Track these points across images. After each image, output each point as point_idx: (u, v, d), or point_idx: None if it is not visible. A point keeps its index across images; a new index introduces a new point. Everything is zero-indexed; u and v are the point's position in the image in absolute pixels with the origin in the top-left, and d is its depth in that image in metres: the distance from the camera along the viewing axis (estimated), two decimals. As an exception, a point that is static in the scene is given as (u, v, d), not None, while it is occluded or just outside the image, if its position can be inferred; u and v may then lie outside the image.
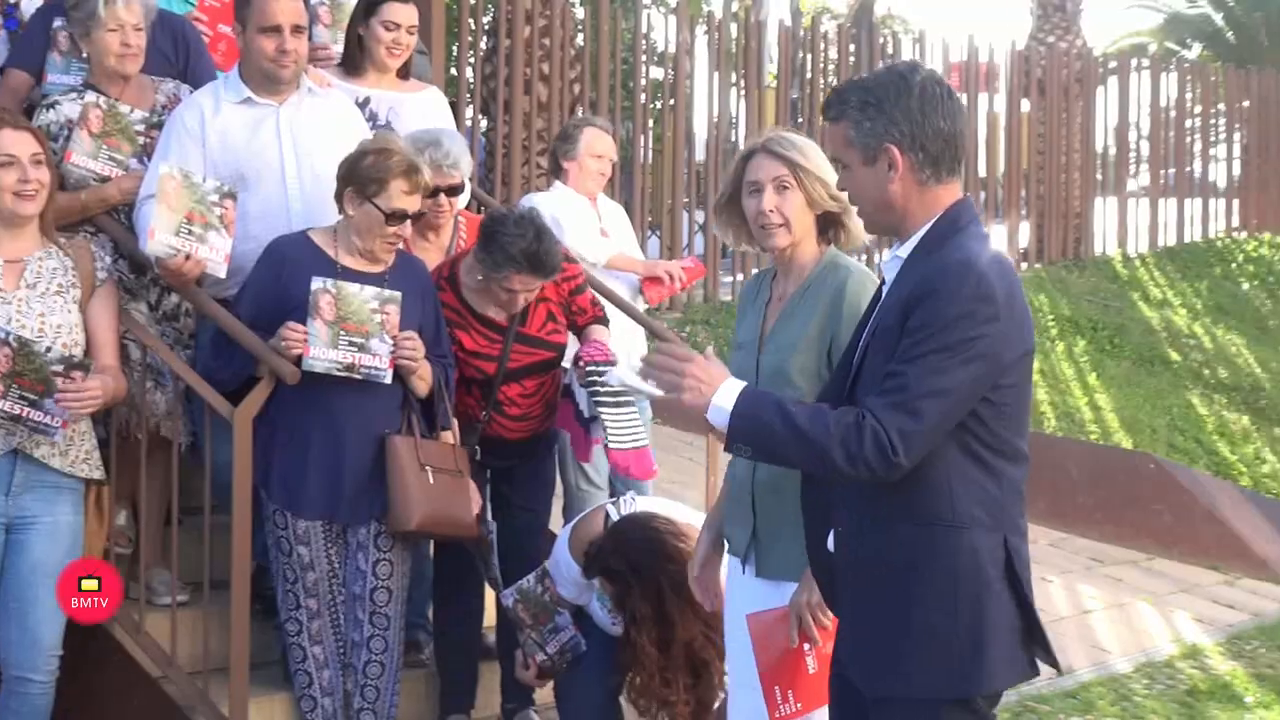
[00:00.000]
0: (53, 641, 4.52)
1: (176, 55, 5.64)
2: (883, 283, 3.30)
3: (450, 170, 5.35)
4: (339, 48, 6.00)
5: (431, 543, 5.34)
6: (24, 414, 4.31)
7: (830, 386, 3.39)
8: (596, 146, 6.40)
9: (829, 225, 4.02)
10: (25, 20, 5.76)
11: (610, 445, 5.20)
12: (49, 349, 4.35)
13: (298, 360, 4.64)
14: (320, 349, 4.64)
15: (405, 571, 4.95)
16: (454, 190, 5.42)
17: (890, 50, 14.73)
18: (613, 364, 5.05)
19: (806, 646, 3.79)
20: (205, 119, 5.07)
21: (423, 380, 4.87)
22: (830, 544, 3.33)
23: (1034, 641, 3.18)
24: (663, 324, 6.56)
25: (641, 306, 6.40)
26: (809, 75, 13.93)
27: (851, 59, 14.09)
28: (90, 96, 5.13)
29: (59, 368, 4.33)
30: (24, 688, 4.48)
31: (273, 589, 5.03)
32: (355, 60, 5.82)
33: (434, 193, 5.27)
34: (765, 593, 3.94)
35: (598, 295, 5.64)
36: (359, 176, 4.77)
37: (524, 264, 4.94)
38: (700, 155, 13.17)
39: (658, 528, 4.60)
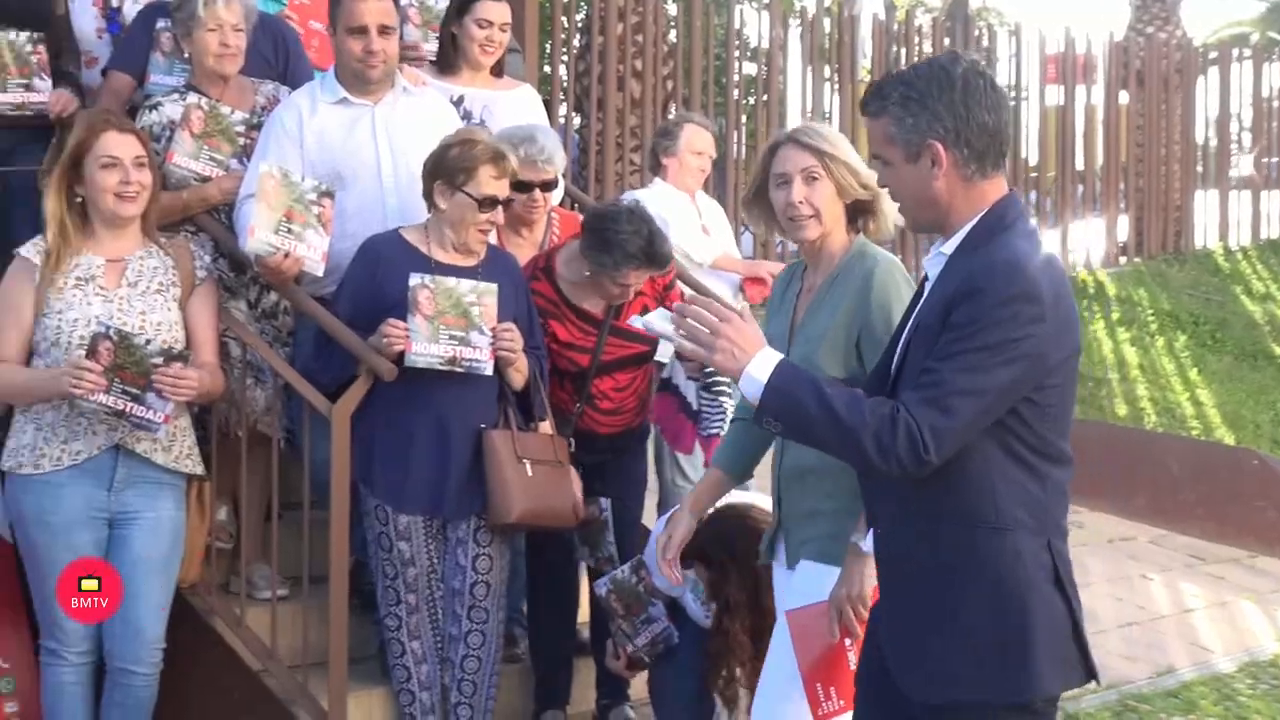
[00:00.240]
0: (156, 634, 4.58)
1: (276, 58, 5.72)
2: (925, 279, 3.23)
3: (545, 165, 5.38)
4: (430, 46, 6.04)
5: (524, 538, 5.35)
6: (127, 409, 4.37)
7: (870, 384, 3.33)
8: (697, 143, 6.42)
9: (858, 214, 4.00)
10: (127, 23, 5.87)
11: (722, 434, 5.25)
12: (148, 341, 4.41)
13: (400, 357, 4.68)
14: (422, 344, 4.67)
15: (504, 566, 4.97)
16: (548, 186, 5.44)
17: (985, 43, 14.57)
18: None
19: (848, 642, 3.76)
20: (303, 119, 5.13)
21: (519, 372, 4.89)
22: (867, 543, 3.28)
23: (1080, 646, 3.10)
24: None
25: (741, 306, 6.40)
26: (903, 68, 13.81)
27: (946, 52, 13.94)
28: (192, 98, 5.21)
29: (159, 360, 4.39)
30: (128, 679, 4.54)
31: (370, 584, 5.07)
32: (449, 58, 5.87)
33: (528, 188, 5.30)
34: (783, 579, 3.95)
35: (690, 291, 5.65)
36: (446, 168, 4.80)
37: (642, 259, 4.98)
38: (794, 150, 13.10)
39: (755, 517, 4.60)
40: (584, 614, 5.56)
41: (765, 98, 12.85)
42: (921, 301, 3.21)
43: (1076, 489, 3.21)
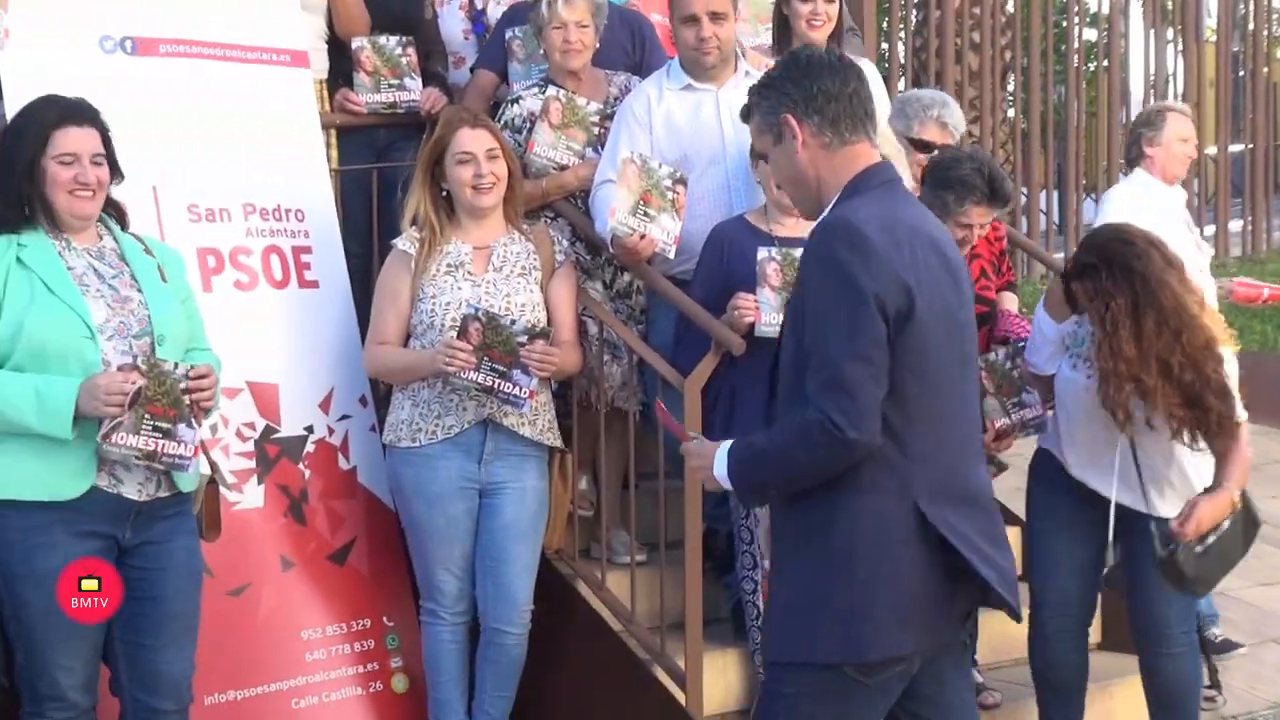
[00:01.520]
0: (525, 597, 4.68)
1: (633, 47, 5.81)
2: None
3: (953, 130, 5.43)
4: (755, 40, 6.05)
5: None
6: (495, 385, 4.48)
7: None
8: (1182, 130, 6.17)
9: None
10: (491, 25, 6.03)
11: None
12: (514, 321, 4.51)
13: (750, 329, 4.68)
14: (771, 315, 4.65)
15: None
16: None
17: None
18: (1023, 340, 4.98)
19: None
20: (651, 106, 5.17)
21: None
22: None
23: (949, 609, 3.10)
24: None
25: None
26: (1251, 26, 13.04)
27: (1298, 7, 13.12)
28: (551, 91, 5.31)
29: (523, 339, 4.48)
30: (501, 639, 4.66)
31: (721, 549, 5.08)
32: (784, 41, 5.84)
33: (929, 148, 5.36)
34: None
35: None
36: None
37: (986, 191, 4.88)
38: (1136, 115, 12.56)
39: (1129, 226, 4.48)
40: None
41: (1106, 64, 12.32)
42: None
43: None
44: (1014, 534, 6.09)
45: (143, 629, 3.91)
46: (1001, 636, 5.64)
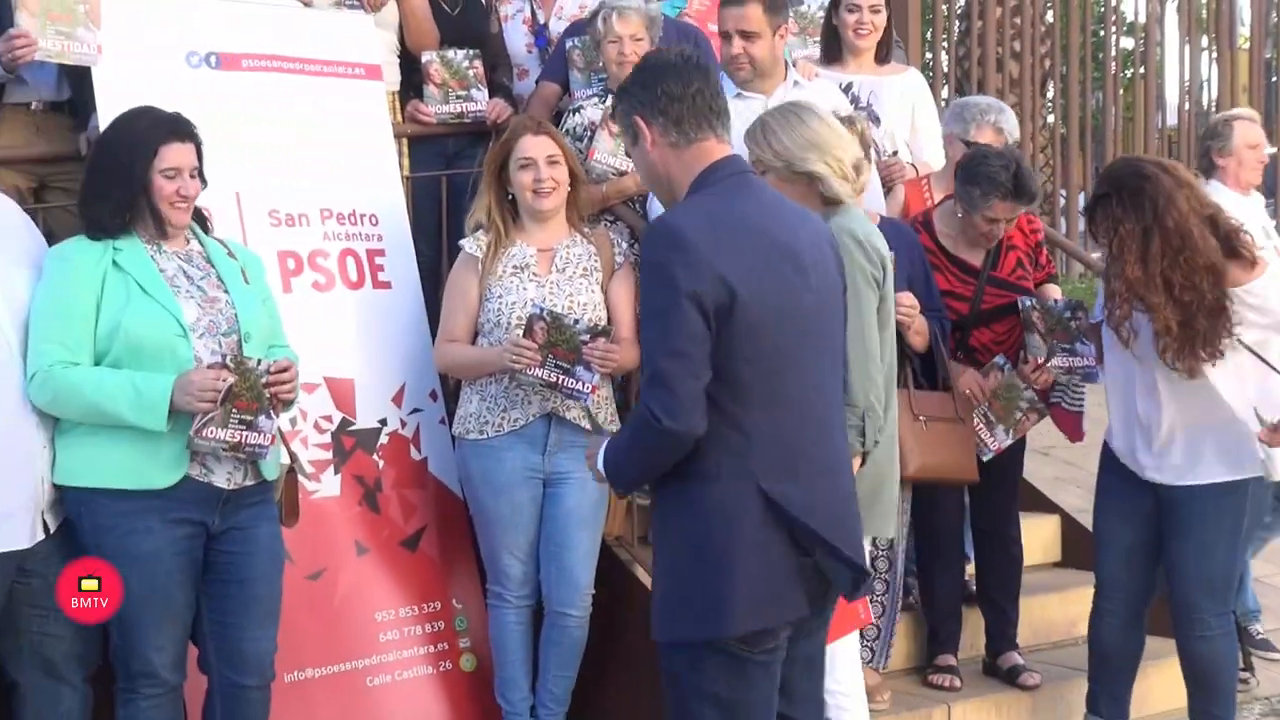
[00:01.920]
0: (586, 581, 4.72)
1: (689, 58, 5.85)
2: None
3: (1008, 134, 5.49)
4: (805, 51, 6.07)
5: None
6: (559, 381, 4.52)
7: None
8: (1251, 136, 6.01)
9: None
10: (554, 38, 6.09)
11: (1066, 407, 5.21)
12: (577, 321, 4.55)
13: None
14: None
15: (905, 521, 4.94)
16: None
17: (1371, 3, 13.46)
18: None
19: None
20: (705, 115, 5.21)
21: (919, 334, 4.84)
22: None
23: (810, 583, 3.13)
24: None
25: None
26: (1283, 34, 12.94)
27: (1328, 15, 12.99)
28: (610, 101, 5.35)
29: (586, 337, 4.52)
30: (563, 622, 4.70)
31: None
32: (833, 50, 5.89)
33: None
34: None
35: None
36: None
37: (1009, 188, 4.91)
38: (1172, 120, 12.50)
39: (1142, 156, 4.50)
40: (970, 568, 5.48)
41: (1142, 71, 12.25)
42: None
43: None
44: (1051, 523, 6.19)
45: (230, 610, 3.98)
46: (1042, 620, 5.68)
